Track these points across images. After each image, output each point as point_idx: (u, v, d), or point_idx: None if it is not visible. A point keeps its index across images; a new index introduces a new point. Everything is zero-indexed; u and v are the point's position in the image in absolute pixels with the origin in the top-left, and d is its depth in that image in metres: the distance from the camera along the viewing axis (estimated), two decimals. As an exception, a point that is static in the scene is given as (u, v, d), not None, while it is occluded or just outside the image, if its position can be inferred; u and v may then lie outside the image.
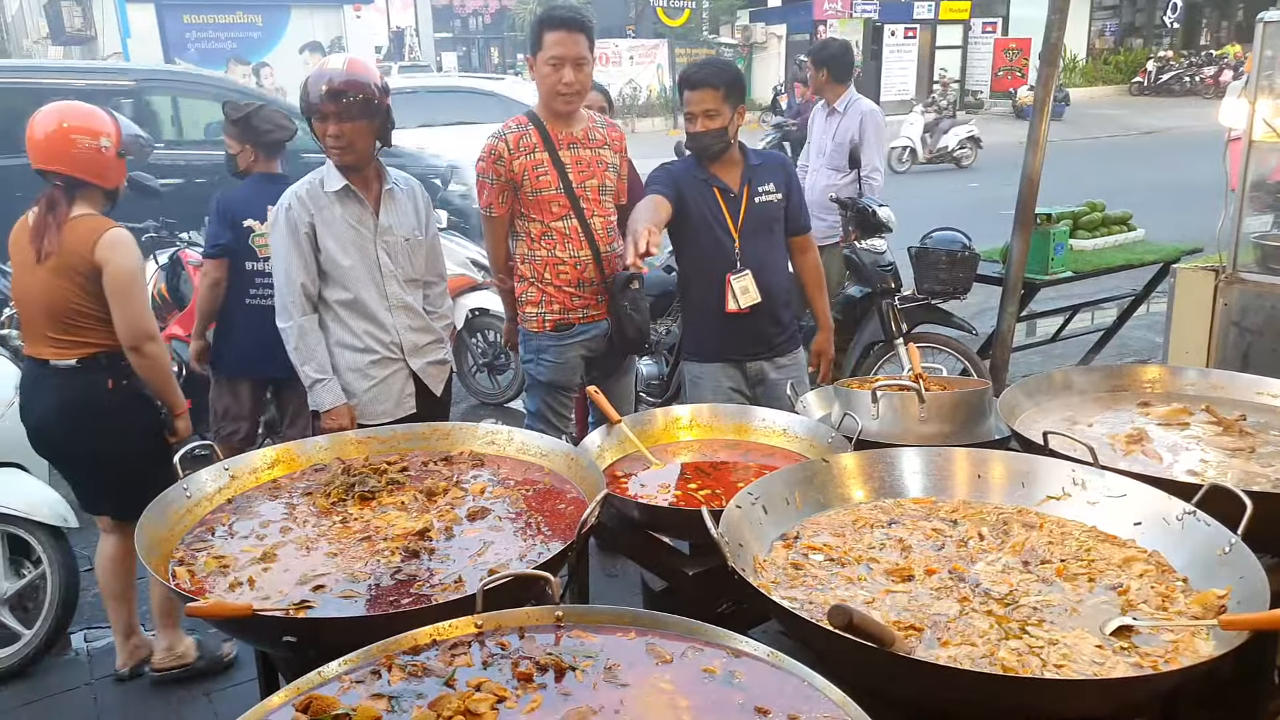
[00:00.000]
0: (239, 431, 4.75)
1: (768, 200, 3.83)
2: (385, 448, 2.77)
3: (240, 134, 4.60)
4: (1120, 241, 6.56)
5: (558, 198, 3.87)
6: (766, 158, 3.98)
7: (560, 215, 3.89)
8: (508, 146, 3.85)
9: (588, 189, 3.92)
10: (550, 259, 3.93)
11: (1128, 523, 2.11)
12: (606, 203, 4.00)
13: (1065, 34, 4.61)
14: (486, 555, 2.15)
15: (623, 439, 2.84)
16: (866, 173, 6.17)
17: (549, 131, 3.87)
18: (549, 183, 3.86)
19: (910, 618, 1.81)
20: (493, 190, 3.91)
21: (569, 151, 3.89)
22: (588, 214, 3.92)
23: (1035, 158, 4.61)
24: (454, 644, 1.70)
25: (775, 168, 3.92)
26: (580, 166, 3.91)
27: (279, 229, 3.43)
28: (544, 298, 3.98)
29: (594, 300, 4.00)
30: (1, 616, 4.02)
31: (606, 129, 4.06)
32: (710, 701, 1.52)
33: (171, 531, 2.27)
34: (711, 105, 3.65)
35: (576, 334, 4.01)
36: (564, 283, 3.94)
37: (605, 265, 3.98)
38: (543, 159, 3.85)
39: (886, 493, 2.36)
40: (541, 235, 3.93)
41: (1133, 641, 1.72)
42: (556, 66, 3.74)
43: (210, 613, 1.83)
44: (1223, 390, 2.96)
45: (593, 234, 3.93)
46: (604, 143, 4.00)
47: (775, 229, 3.91)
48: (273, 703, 1.54)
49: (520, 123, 3.92)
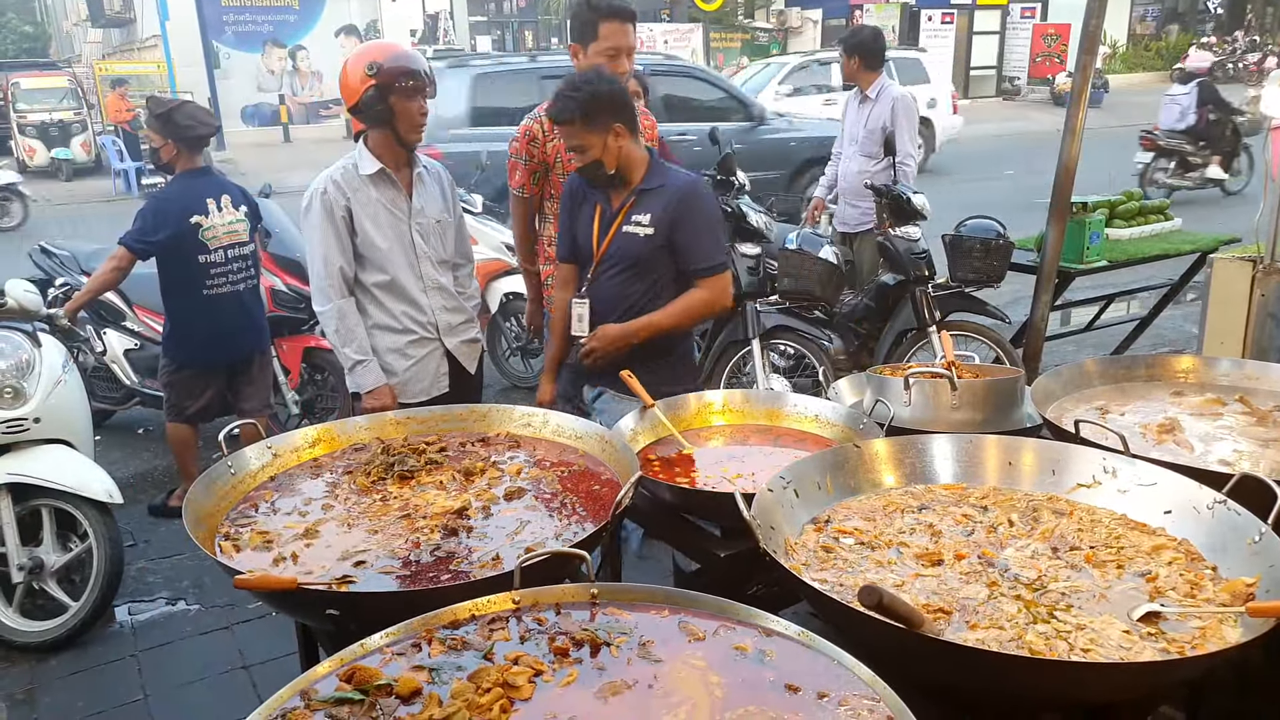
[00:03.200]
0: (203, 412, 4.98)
1: (633, 233, 3.34)
2: (424, 428, 2.82)
3: (162, 129, 4.75)
4: (1157, 231, 6.51)
5: None
6: (671, 179, 3.39)
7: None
8: (542, 129, 3.90)
9: None
10: None
11: (1158, 511, 2.12)
12: None
13: (1105, 20, 4.57)
14: (523, 534, 2.20)
15: (656, 423, 2.88)
16: (900, 159, 6.17)
17: None
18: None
19: (939, 601, 1.84)
20: (524, 171, 3.97)
21: None
22: None
23: (1072, 146, 4.58)
24: (492, 619, 1.75)
25: (669, 195, 3.34)
26: None
27: (314, 214, 3.49)
28: None
29: None
30: (49, 589, 4.13)
31: (639, 118, 4.04)
32: (741, 678, 1.56)
33: (217, 507, 2.33)
34: (575, 141, 3.29)
35: None
36: None
37: None
38: None
39: (917, 478, 2.38)
40: None
41: (1160, 628, 1.74)
42: (612, 57, 3.75)
43: (257, 585, 1.88)
44: (1257, 381, 2.95)
45: None
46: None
47: (642, 266, 3.36)
48: (318, 672, 1.59)
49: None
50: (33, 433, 4.08)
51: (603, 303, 3.41)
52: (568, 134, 3.31)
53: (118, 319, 6.01)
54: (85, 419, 4.42)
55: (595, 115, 3.23)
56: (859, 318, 5.93)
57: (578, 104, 3.22)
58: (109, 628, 4.22)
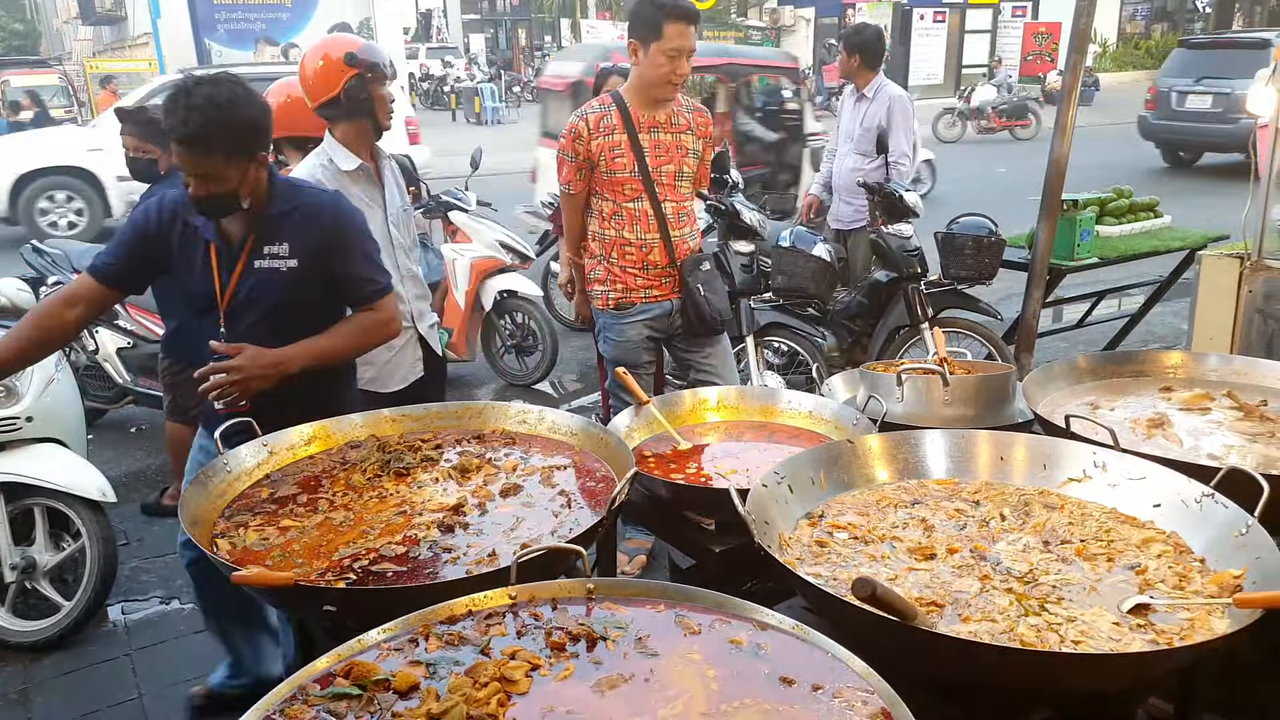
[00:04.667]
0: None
1: (271, 268, 2.85)
2: (419, 426, 2.83)
3: (146, 134, 4.62)
4: (1146, 228, 6.54)
5: (631, 180, 3.93)
6: (305, 199, 2.91)
7: (633, 197, 3.96)
8: (588, 126, 3.94)
9: (663, 173, 3.96)
10: (618, 239, 4.02)
11: (1147, 504, 2.15)
12: (682, 188, 4.04)
13: (1096, 18, 4.61)
14: (519, 530, 2.21)
15: (651, 419, 2.89)
16: (894, 158, 6.21)
17: (631, 114, 3.92)
18: (624, 164, 3.92)
19: (932, 594, 1.85)
20: (571, 168, 4.03)
21: (649, 135, 3.93)
22: (660, 197, 3.96)
23: (1062, 144, 4.61)
24: (489, 614, 1.76)
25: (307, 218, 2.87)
26: (659, 150, 3.95)
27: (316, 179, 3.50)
28: (609, 276, 4.08)
29: (658, 281, 4.06)
30: (42, 588, 4.14)
31: (693, 114, 4.07)
32: (737, 671, 1.58)
33: (213, 505, 2.34)
34: (207, 170, 2.67)
35: (637, 313, 4.09)
36: (629, 263, 4.02)
37: (675, 249, 4.03)
38: (620, 140, 3.91)
39: (910, 474, 2.40)
40: (612, 215, 4.01)
41: (1149, 619, 1.76)
42: (674, 57, 3.76)
43: (255, 581, 1.89)
44: (1245, 376, 2.98)
45: (664, 217, 3.98)
46: (687, 128, 4.02)
47: (288, 307, 2.87)
48: (317, 667, 1.60)
49: (604, 103, 3.99)
50: (25, 432, 4.08)
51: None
52: (196, 162, 2.66)
53: (110, 317, 6.00)
54: (78, 418, 4.42)
55: (242, 144, 2.71)
56: (852, 315, 5.97)
57: (222, 130, 2.66)
58: (102, 627, 4.23)
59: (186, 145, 2.66)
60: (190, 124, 2.64)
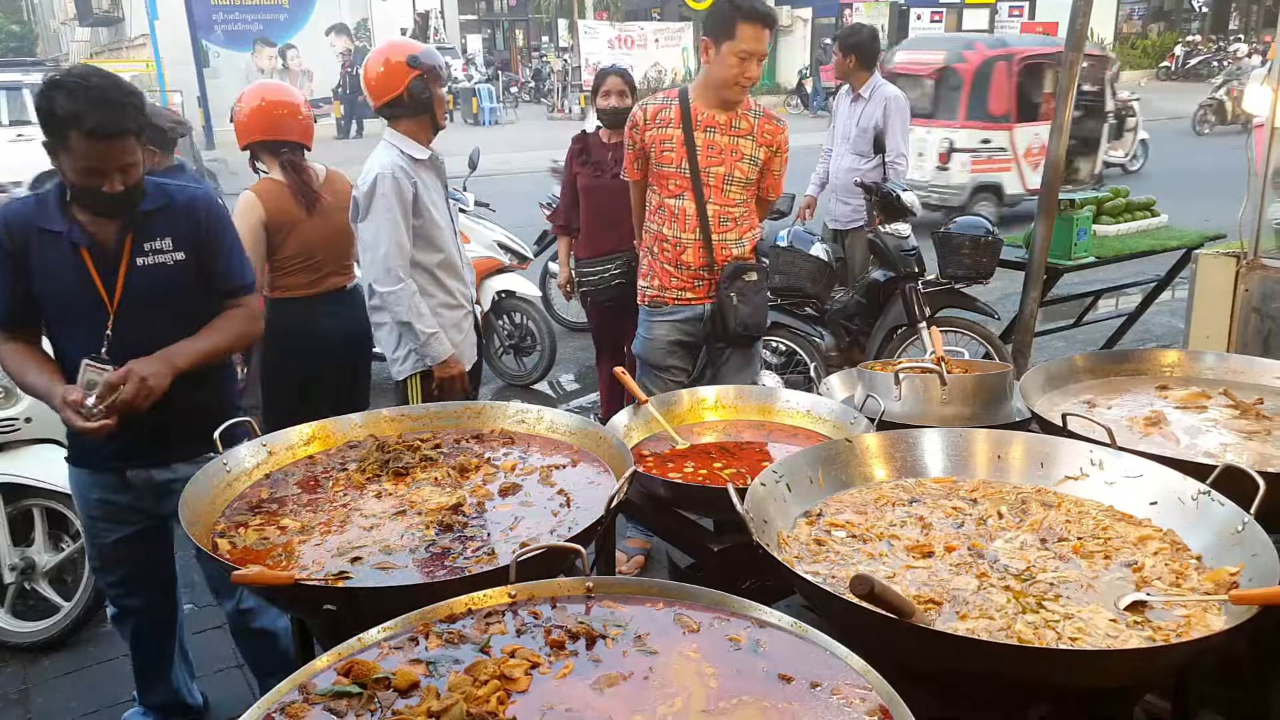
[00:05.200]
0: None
1: (159, 263, 2.84)
2: (418, 425, 2.84)
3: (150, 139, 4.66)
4: (1143, 227, 6.55)
5: (676, 175, 3.89)
6: (177, 195, 2.90)
7: (676, 193, 3.91)
8: (644, 116, 3.95)
9: (712, 174, 3.87)
10: (658, 234, 4.00)
11: (1144, 502, 2.16)
12: (731, 192, 3.89)
13: (1093, 18, 4.61)
14: (518, 529, 2.22)
15: (649, 419, 2.90)
16: (891, 158, 6.22)
17: (691, 110, 3.86)
18: (671, 159, 3.88)
19: (930, 592, 1.86)
20: (629, 155, 4.07)
21: (704, 134, 3.85)
22: (705, 197, 3.88)
23: (1059, 143, 4.62)
24: (489, 613, 1.77)
25: (182, 212, 2.88)
26: (711, 150, 3.87)
27: (386, 198, 3.63)
28: (650, 271, 4.08)
29: (691, 284, 3.99)
30: (41, 589, 4.14)
31: (760, 120, 3.92)
32: (735, 669, 1.58)
33: (213, 504, 2.34)
34: (130, 159, 2.66)
35: (667, 313, 4.05)
36: (666, 260, 3.99)
37: (716, 252, 3.93)
38: (673, 135, 3.87)
39: (908, 472, 2.41)
40: (657, 209, 4.00)
41: (1146, 616, 1.77)
42: (745, 59, 3.70)
43: (255, 580, 1.90)
44: (1241, 375, 2.99)
45: (706, 219, 3.90)
46: (749, 132, 3.88)
47: (176, 301, 2.87)
48: (317, 666, 1.61)
49: (668, 95, 3.97)
50: (24, 432, 4.08)
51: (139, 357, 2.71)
52: (126, 152, 2.64)
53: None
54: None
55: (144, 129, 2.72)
56: (850, 314, 5.97)
57: (140, 114, 2.66)
58: (101, 628, 4.22)
59: (121, 136, 2.59)
60: (127, 111, 2.59)
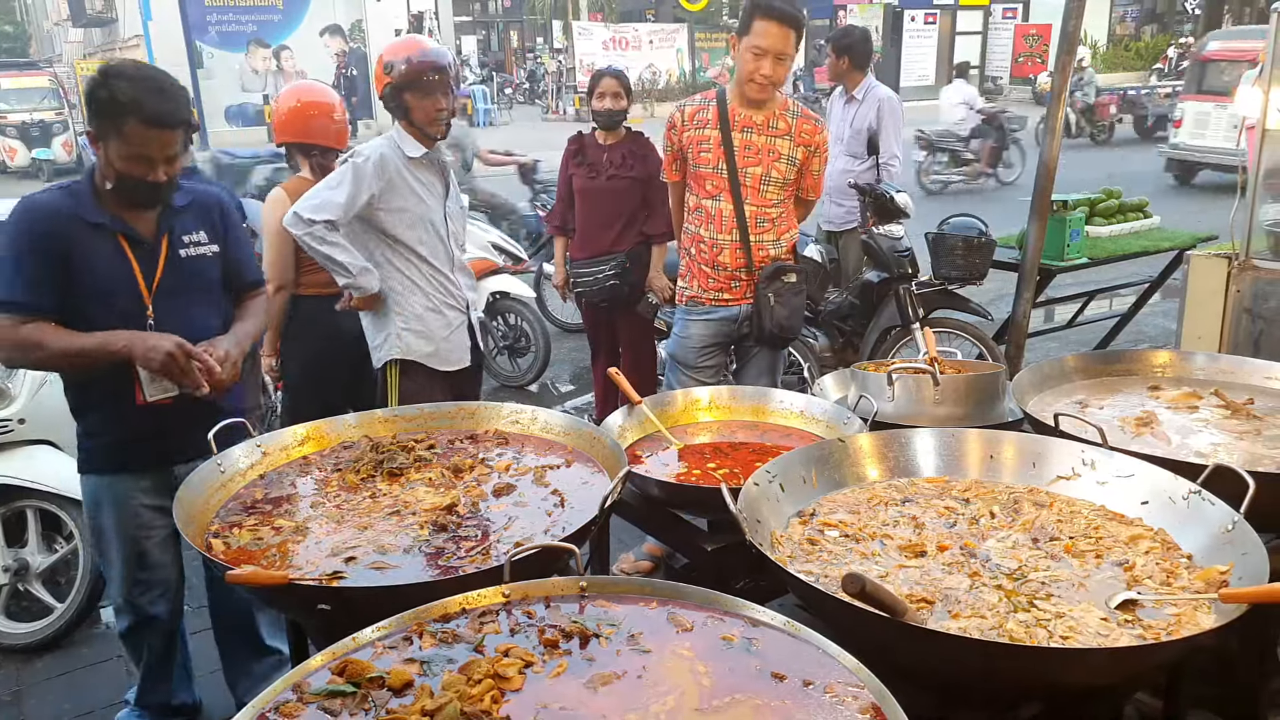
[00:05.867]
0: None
1: (199, 254, 2.98)
2: (413, 426, 2.84)
3: None
4: (1136, 228, 6.57)
5: (713, 176, 3.90)
6: (199, 193, 3.05)
7: (713, 194, 3.91)
8: (682, 118, 3.97)
9: (749, 175, 3.87)
10: (695, 235, 4.01)
11: (1135, 502, 2.17)
12: (768, 193, 3.89)
13: (1085, 20, 4.63)
14: (512, 529, 2.22)
15: (643, 419, 2.91)
16: (885, 159, 6.23)
17: (729, 111, 3.87)
18: (709, 159, 3.89)
19: (922, 591, 1.87)
20: (668, 157, 4.09)
21: (741, 135, 3.86)
22: (742, 198, 3.88)
23: (1052, 145, 4.63)
24: (483, 612, 1.77)
25: (206, 207, 3.04)
26: (749, 152, 3.87)
27: (366, 165, 3.59)
28: (688, 271, 4.08)
29: (728, 285, 3.99)
30: (35, 590, 4.13)
31: (798, 119, 3.91)
32: (728, 667, 1.59)
33: (207, 505, 2.34)
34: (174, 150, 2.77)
35: (702, 313, 4.05)
36: (703, 261, 3.99)
37: (753, 253, 3.93)
38: (710, 136, 3.88)
39: (901, 472, 2.41)
40: (695, 209, 4.01)
41: (1137, 615, 1.78)
42: (758, 55, 3.70)
43: (249, 580, 1.90)
44: (1232, 375, 3.01)
45: (744, 220, 3.89)
46: (786, 132, 3.88)
47: (214, 291, 3.04)
48: (311, 665, 1.61)
49: (706, 97, 3.99)
50: (18, 434, 4.08)
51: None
52: (176, 142, 2.76)
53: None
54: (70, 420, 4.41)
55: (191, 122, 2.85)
56: (844, 315, 5.98)
57: (188, 105, 2.81)
58: (95, 629, 4.23)
59: (176, 126, 2.72)
60: (180, 102, 2.74)
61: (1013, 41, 31.47)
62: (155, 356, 2.68)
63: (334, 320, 4.01)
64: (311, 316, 4.22)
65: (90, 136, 2.74)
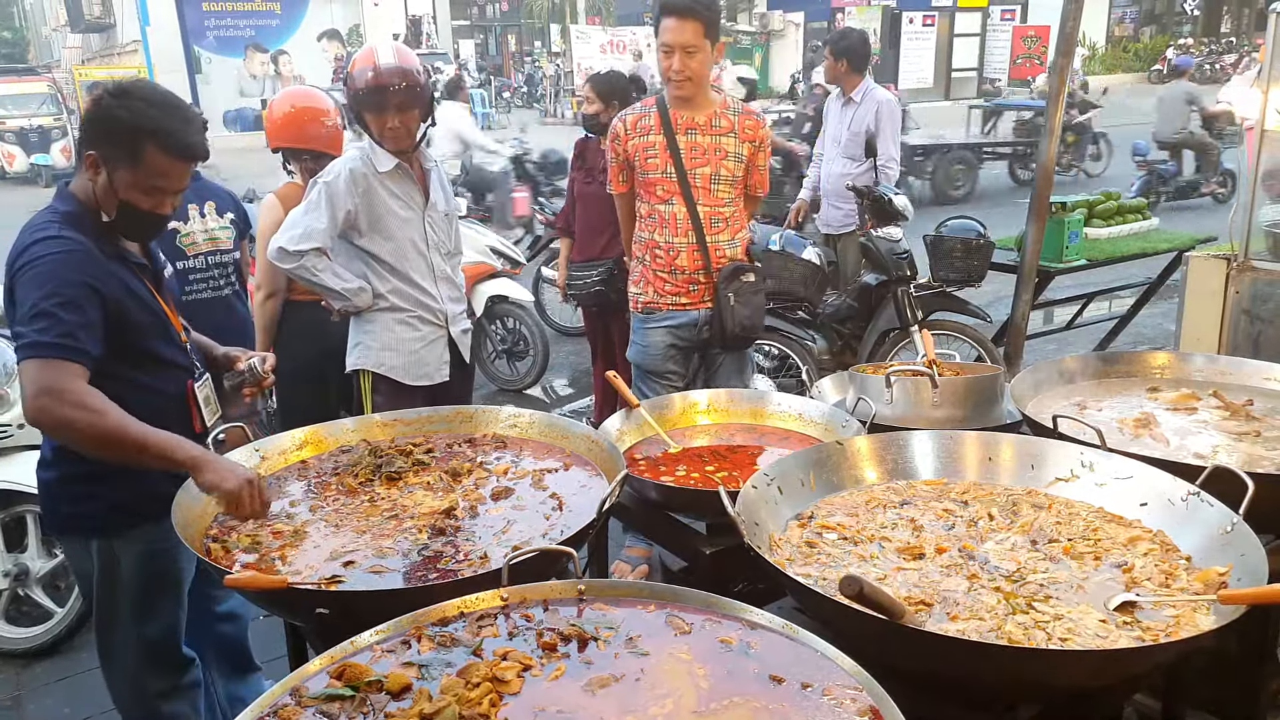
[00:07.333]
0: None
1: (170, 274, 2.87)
2: (411, 430, 2.84)
3: None
4: (1135, 230, 6.58)
5: (663, 181, 3.90)
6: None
7: (665, 199, 3.91)
8: (625, 127, 3.96)
9: (698, 176, 3.88)
10: (650, 241, 4.00)
11: (1134, 503, 2.16)
12: (719, 192, 3.92)
13: (1084, 22, 4.64)
14: (510, 533, 2.22)
15: (641, 423, 2.91)
16: (882, 162, 6.24)
17: (670, 115, 3.88)
18: (656, 165, 3.89)
19: (921, 593, 1.87)
20: (613, 168, 4.07)
21: (686, 137, 3.87)
22: (695, 199, 3.89)
23: (1050, 147, 4.64)
24: (481, 616, 1.78)
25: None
26: (695, 153, 3.88)
27: (337, 183, 3.48)
28: (641, 279, 4.08)
29: (685, 289, 3.99)
30: (35, 595, 4.13)
31: (739, 116, 3.95)
32: (727, 670, 1.59)
33: (205, 509, 2.34)
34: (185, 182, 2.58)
35: (660, 320, 4.05)
36: (658, 266, 3.99)
37: (711, 255, 3.94)
38: (655, 141, 3.88)
39: (899, 474, 2.41)
40: (648, 216, 4.00)
41: (1136, 616, 1.78)
42: (667, 53, 3.75)
43: (248, 584, 1.90)
44: (1231, 376, 3.01)
45: (699, 221, 3.91)
46: (729, 130, 3.90)
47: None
48: (310, 669, 1.61)
49: (646, 104, 3.99)
50: (17, 439, 4.08)
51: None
52: (188, 172, 2.55)
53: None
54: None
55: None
56: (842, 318, 5.99)
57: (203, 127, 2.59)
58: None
59: (202, 158, 2.53)
60: (204, 133, 2.53)
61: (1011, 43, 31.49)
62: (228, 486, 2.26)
63: (326, 325, 4.00)
64: (304, 322, 4.22)
65: (91, 160, 2.43)
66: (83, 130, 2.48)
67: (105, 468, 2.47)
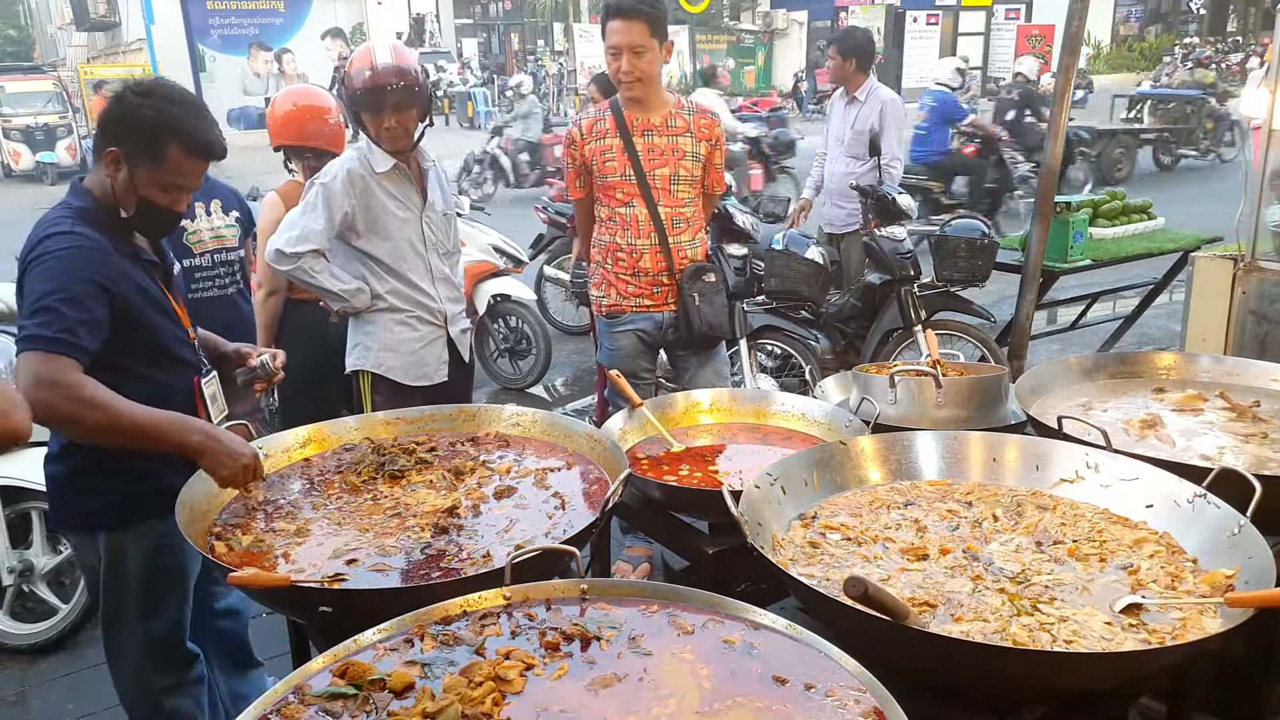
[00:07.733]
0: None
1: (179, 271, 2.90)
2: (414, 428, 2.84)
3: None
4: (1140, 230, 6.56)
5: (623, 184, 3.91)
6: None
7: (625, 201, 3.93)
8: (580, 132, 3.96)
9: (657, 177, 3.90)
10: (611, 245, 4.01)
11: (1139, 505, 2.15)
12: (678, 192, 3.94)
13: (1089, 20, 4.62)
14: (513, 531, 2.22)
15: (644, 422, 2.90)
16: (886, 161, 6.23)
17: (625, 118, 3.89)
18: (615, 168, 3.91)
19: (925, 594, 1.86)
20: (570, 174, 4.06)
21: (643, 139, 3.89)
22: (655, 200, 3.91)
23: (1055, 147, 4.62)
24: (484, 615, 1.77)
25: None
26: (653, 154, 3.90)
27: (334, 184, 3.47)
28: (604, 282, 4.08)
29: (649, 290, 4.01)
30: (39, 591, 4.13)
31: (694, 116, 3.96)
32: (730, 670, 1.58)
33: (209, 507, 2.34)
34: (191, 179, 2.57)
35: (626, 322, 4.07)
36: (621, 269, 4.00)
37: (673, 256, 3.97)
38: (612, 144, 3.89)
39: (903, 475, 2.40)
40: (608, 219, 4.01)
41: (1141, 619, 1.77)
42: (615, 55, 3.77)
43: (250, 582, 1.90)
44: (1237, 377, 3.00)
45: (661, 222, 3.93)
46: (685, 130, 3.92)
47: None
48: (313, 667, 1.61)
49: (600, 108, 3.99)
50: (21, 436, 4.07)
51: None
52: (202, 171, 2.58)
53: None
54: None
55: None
56: (845, 317, 5.98)
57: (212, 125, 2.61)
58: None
59: (220, 155, 2.57)
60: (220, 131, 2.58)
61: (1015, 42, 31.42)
62: (232, 465, 2.33)
63: (328, 324, 4.00)
64: (305, 320, 4.22)
65: (112, 156, 2.45)
66: (103, 127, 2.49)
67: (113, 462, 2.51)
